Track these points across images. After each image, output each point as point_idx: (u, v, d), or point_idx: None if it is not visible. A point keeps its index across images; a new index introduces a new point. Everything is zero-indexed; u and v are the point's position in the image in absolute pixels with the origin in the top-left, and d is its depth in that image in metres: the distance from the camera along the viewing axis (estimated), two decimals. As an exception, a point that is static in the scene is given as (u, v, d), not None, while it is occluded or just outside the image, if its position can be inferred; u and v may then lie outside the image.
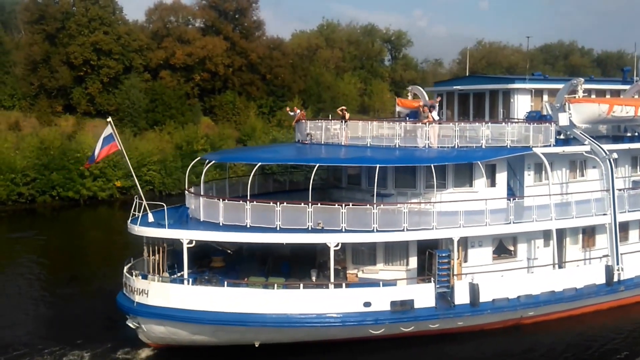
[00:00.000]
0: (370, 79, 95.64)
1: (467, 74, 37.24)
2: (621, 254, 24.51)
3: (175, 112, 69.11)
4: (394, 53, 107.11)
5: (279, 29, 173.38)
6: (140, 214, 24.01)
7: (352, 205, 21.97)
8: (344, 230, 21.72)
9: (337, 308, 21.47)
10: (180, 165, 60.80)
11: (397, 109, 31.16)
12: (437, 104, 28.01)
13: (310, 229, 21.85)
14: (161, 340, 22.51)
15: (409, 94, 32.02)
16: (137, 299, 21.93)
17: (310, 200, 22.12)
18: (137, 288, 22.01)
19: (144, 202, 23.45)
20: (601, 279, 24.25)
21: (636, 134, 27.65)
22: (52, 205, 53.64)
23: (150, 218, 23.35)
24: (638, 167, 28.45)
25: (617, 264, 24.34)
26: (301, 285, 21.95)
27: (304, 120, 27.44)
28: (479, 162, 23.02)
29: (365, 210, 21.92)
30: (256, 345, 22.20)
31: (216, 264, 24.26)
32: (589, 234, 25.68)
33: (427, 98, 30.38)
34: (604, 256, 24.76)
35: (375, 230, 21.79)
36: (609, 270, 24.23)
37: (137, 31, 72.72)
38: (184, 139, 64.06)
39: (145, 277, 22.34)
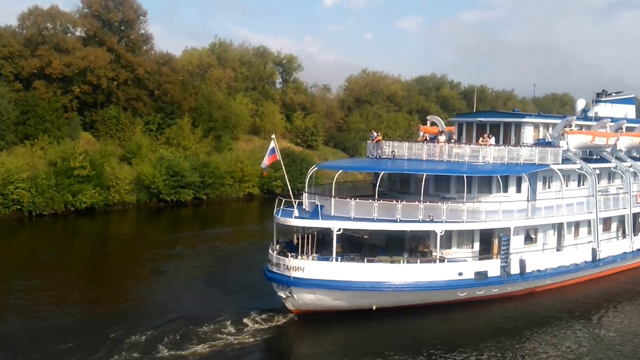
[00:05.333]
0: (262, 101, 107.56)
1: (474, 110, 53.02)
2: (600, 240, 41.52)
3: (50, 126, 73.46)
4: (285, 76, 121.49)
5: (169, 44, 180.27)
6: (277, 209, 35.18)
7: (451, 203, 35.70)
8: (444, 221, 35.21)
9: (441, 276, 34.93)
10: (54, 183, 65.73)
11: (421, 133, 45.52)
12: (453, 132, 43.18)
13: (421, 220, 34.97)
14: (306, 306, 33.95)
15: (428, 122, 46.69)
16: (294, 274, 33.17)
17: (422, 199, 35.27)
18: (293, 266, 33.26)
19: (295, 201, 34.68)
20: (588, 257, 40.82)
21: (599, 157, 45.07)
22: None
23: (296, 212, 34.53)
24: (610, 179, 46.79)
25: (598, 247, 41.09)
26: (418, 260, 35.04)
27: (382, 141, 40.36)
28: (523, 175, 38.22)
29: (458, 207, 35.74)
30: (373, 309, 34.64)
31: (337, 249, 35.82)
32: (576, 226, 42.04)
33: (444, 126, 45.36)
34: (589, 242, 41.36)
35: (464, 221, 35.67)
36: (594, 252, 40.99)
37: (7, 36, 76.64)
38: (59, 155, 67.88)
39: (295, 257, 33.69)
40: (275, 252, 34.82)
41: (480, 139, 40.80)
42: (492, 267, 36.34)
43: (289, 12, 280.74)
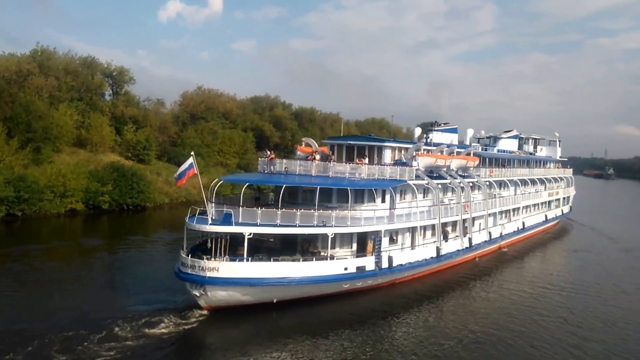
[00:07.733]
0: (89, 112, 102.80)
1: (342, 134, 60.13)
2: (441, 241, 50.69)
3: None
4: (116, 88, 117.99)
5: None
6: (190, 215, 40.48)
7: (338, 211, 42.84)
8: (333, 226, 42.23)
9: (331, 271, 41.98)
10: None
11: (298, 153, 52.20)
12: (326, 152, 50.58)
13: (315, 225, 41.73)
14: (217, 302, 39.13)
15: (303, 143, 53.43)
16: (209, 274, 38.30)
17: (316, 208, 42.06)
18: (209, 267, 38.37)
19: (211, 209, 40.04)
20: (434, 254, 49.83)
21: (438, 174, 54.38)
22: None
23: (209, 220, 39.81)
24: (445, 193, 55.95)
25: (441, 246, 50.20)
26: (314, 258, 41.72)
27: (275, 159, 46.63)
28: (389, 188, 46.23)
29: (340, 214, 42.93)
30: (274, 302, 40.80)
31: (240, 251, 41.31)
32: (424, 230, 50.83)
33: (317, 146, 52.49)
34: (434, 242, 50.34)
35: (348, 225, 42.93)
36: (438, 249, 50.09)
37: None
38: None
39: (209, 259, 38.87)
40: (189, 255, 39.48)
41: (357, 160, 48.45)
42: (369, 262, 44.01)
43: (121, 24, 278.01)
